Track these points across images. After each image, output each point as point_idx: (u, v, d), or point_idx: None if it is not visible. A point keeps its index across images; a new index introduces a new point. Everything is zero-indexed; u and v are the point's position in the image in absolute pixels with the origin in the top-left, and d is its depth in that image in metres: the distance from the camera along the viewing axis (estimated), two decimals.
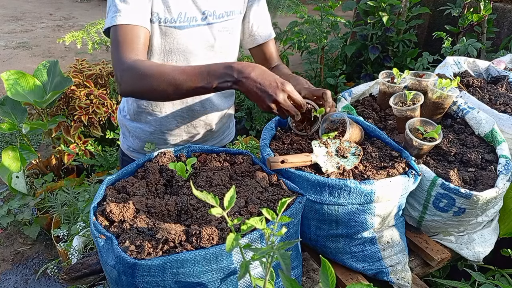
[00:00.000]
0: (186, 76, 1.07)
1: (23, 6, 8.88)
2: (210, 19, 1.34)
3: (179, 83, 1.07)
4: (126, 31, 1.17)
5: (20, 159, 2.49)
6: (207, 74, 1.06)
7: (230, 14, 1.38)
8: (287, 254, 0.67)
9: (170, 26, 1.27)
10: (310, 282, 1.09)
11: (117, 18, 1.17)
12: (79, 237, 1.88)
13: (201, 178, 1.03)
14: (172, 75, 1.08)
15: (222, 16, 1.36)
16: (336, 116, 1.23)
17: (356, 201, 1.03)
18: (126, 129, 1.52)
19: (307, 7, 3.58)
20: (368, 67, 3.72)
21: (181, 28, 1.29)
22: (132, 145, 1.52)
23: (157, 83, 1.09)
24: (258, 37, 1.48)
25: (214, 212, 0.71)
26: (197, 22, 1.31)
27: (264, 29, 1.49)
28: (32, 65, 5.47)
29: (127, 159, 1.56)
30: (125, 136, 1.55)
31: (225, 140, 1.65)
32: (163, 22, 1.26)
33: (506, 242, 1.34)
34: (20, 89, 2.58)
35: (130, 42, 1.16)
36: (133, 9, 1.18)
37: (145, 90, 1.12)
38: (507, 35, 3.41)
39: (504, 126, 1.37)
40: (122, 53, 1.14)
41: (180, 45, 1.31)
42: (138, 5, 1.19)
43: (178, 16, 1.27)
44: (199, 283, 0.80)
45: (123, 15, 1.17)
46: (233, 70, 1.04)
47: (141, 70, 1.10)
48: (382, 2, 3.34)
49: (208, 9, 1.32)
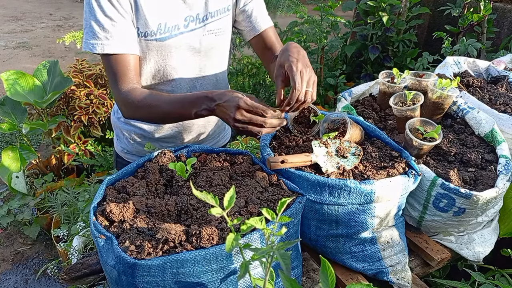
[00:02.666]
0: (171, 106, 1.15)
1: (23, 6, 8.88)
2: (192, 25, 1.29)
3: (166, 112, 1.16)
4: (116, 61, 1.19)
5: (20, 159, 2.48)
6: (188, 103, 1.11)
7: (215, 14, 1.32)
8: (287, 254, 0.67)
9: (151, 40, 1.24)
10: (310, 282, 1.09)
11: (104, 47, 1.17)
12: (79, 237, 1.87)
13: (201, 178, 1.03)
14: (160, 106, 1.16)
15: (206, 18, 1.31)
16: (336, 116, 1.23)
17: (356, 201, 1.03)
18: (120, 130, 1.51)
19: (307, 7, 3.58)
20: (368, 67, 3.72)
21: (161, 40, 1.25)
22: (126, 147, 1.52)
23: (148, 113, 1.19)
24: (256, 25, 1.40)
25: (214, 212, 0.71)
26: (179, 30, 1.27)
27: (261, 17, 1.41)
28: (32, 65, 5.47)
29: (121, 160, 1.56)
30: (119, 137, 1.54)
31: (221, 142, 1.64)
32: (143, 36, 1.24)
33: (506, 242, 1.34)
34: (20, 89, 2.58)
35: (121, 73, 1.20)
36: (117, 36, 1.17)
37: (141, 119, 1.29)
38: (507, 35, 3.41)
39: (504, 126, 1.37)
40: (115, 83, 1.20)
41: (164, 57, 1.29)
42: (121, 30, 1.18)
43: (157, 28, 1.23)
44: (199, 283, 0.80)
45: (109, 44, 1.17)
46: (208, 100, 1.07)
47: (134, 102, 1.18)
48: (382, 2, 3.34)
49: (190, 14, 1.28)
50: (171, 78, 1.34)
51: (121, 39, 1.18)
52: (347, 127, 1.16)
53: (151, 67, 1.31)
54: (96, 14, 1.16)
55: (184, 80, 1.36)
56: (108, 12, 1.16)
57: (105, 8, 1.15)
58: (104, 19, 1.16)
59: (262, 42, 1.42)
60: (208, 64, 1.39)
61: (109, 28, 1.16)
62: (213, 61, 1.40)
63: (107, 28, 1.16)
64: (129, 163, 1.46)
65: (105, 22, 1.16)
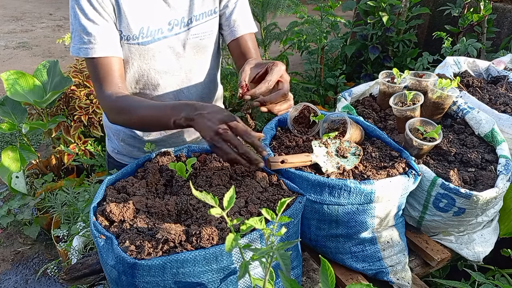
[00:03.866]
0: (150, 111, 1.10)
1: (23, 6, 8.88)
2: (177, 28, 1.26)
3: (147, 120, 1.11)
4: (100, 65, 1.17)
5: (20, 159, 2.48)
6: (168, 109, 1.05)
7: (200, 17, 1.29)
8: (286, 254, 0.67)
9: (133, 43, 1.23)
10: (310, 282, 1.09)
11: (89, 51, 1.16)
12: (79, 237, 1.87)
13: (201, 178, 1.03)
14: (140, 112, 1.12)
15: (190, 21, 1.28)
16: (336, 116, 1.23)
17: (356, 201, 1.03)
18: (111, 131, 1.51)
19: (307, 7, 3.58)
20: (368, 67, 3.73)
21: (144, 44, 1.23)
22: (117, 148, 1.52)
23: (130, 119, 1.15)
24: (234, 30, 1.35)
25: (214, 212, 0.71)
26: (163, 34, 1.25)
27: (241, 22, 1.35)
28: (32, 65, 5.47)
29: (112, 161, 1.55)
30: (110, 138, 1.54)
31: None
32: (126, 40, 1.22)
33: (506, 242, 1.34)
34: (20, 89, 2.58)
35: (105, 76, 1.18)
36: (100, 40, 1.16)
37: (124, 124, 1.23)
38: (507, 35, 3.41)
39: (504, 126, 1.37)
40: (99, 87, 1.18)
41: (147, 61, 1.27)
42: (104, 34, 1.17)
43: (140, 31, 1.21)
44: (199, 283, 0.80)
45: (93, 48, 1.16)
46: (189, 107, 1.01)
47: (117, 106, 1.16)
48: (382, 2, 3.34)
49: (175, 18, 1.25)
50: (156, 83, 1.32)
51: (105, 42, 1.17)
52: (347, 127, 1.16)
53: (134, 72, 1.29)
54: (80, 18, 1.15)
55: (170, 85, 1.35)
56: (91, 15, 1.15)
57: (87, 12, 1.15)
58: (87, 23, 1.15)
59: (238, 48, 1.37)
60: (194, 68, 1.37)
61: (93, 31, 1.15)
62: (199, 65, 1.38)
63: (91, 31, 1.15)
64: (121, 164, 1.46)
65: (89, 25, 1.15)
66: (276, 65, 1.01)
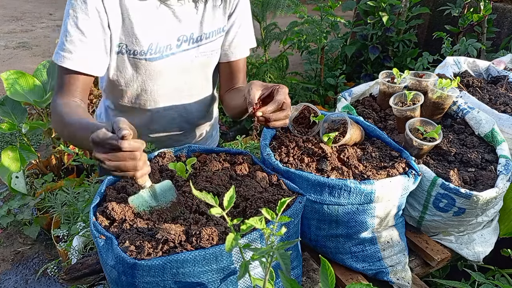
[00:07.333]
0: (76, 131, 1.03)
1: (23, 6, 8.87)
2: (185, 45, 1.24)
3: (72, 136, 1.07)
4: (68, 76, 1.13)
5: (20, 159, 2.48)
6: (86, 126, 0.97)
7: (210, 35, 1.27)
8: (286, 254, 0.67)
9: (141, 59, 1.19)
10: (310, 282, 1.09)
11: (63, 60, 1.10)
12: (79, 237, 1.87)
13: (201, 178, 1.03)
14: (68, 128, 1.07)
15: (200, 39, 1.26)
16: (336, 116, 1.22)
17: (356, 201, 1.03)
18: None
19: (307, 7, 3.58)
20: (368, 67, 3.73)
21: (151, 60, 1.20)
22: None
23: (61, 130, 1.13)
24: (231, 53, 1.36)
25: (214, 212, 0.71)
26: (171, 50, 1.22)
27: (240, 46, 1.36)
28: (32, 65, 5.46)
29: None
30: None
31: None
32: (132, 55, 1.18)
33: (506, 242, 1.34)
34: (19, 89, 2.58)
35: (67, 88, 1.13)
36: (80, 55, 1.10)
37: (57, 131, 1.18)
38: (507, 35, 3.41)
39: (504, 126, 1.37)
40: (56, 93, 1.15)
41: (152, 76, 1.24)
42: (86, 49, 1.10)
43: (148, 47, 1.18)
44: (199, 283, 0.80)
45: (70, 59, 1.10)
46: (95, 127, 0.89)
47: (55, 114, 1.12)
48: (382, 2, 3.34)
49: (184, 34, 1.22)
50: (159, 98, 1.32)
51: (83, 58, 1.11)
52: (347, 127, 1.16)
53: (138, 86, 1.27)
54: (68, 23, 1.09)
55: (172, 100, 1.35)
56: (81, 24, 1.09)
57: (80, 18, 1.08)
58: (74, 31, 1.09)
59: (228, 68, 1.38)
60: (197, 84, 1.37)
61: (76, 41, 1.09)
62: (202, 81, 1.38)
63: (75, 41, 1.09)
64: None
65: (75, 34, 1.09)
66: (282, 87, 1.06)
